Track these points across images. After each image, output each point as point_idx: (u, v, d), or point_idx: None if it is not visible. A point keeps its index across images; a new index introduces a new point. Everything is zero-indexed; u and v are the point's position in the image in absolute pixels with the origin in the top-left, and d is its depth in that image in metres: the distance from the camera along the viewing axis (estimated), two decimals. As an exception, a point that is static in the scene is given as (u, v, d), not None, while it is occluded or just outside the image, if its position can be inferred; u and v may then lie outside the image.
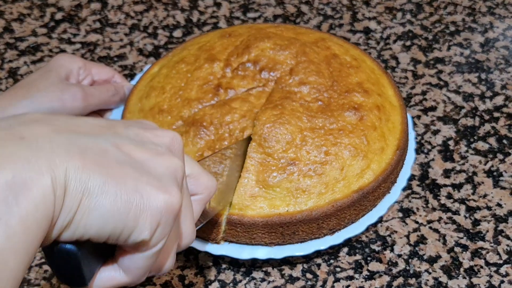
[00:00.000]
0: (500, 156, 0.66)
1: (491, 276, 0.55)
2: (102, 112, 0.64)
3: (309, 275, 0.55)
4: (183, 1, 0.88)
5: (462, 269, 0.56)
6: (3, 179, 0.26)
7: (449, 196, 0.62)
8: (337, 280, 0.55)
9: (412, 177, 0.64)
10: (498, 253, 0.57)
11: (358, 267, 0.56)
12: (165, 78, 0.61)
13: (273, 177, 0.52)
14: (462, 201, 0.62)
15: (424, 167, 0.65)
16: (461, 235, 0.59)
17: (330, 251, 0.57)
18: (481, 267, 0.56)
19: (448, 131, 0.69)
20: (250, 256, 0.53)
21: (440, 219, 0.60)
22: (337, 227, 0.54)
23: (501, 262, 0.56)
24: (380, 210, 0.56)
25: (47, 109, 0.57)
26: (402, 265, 0.56)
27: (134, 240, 0.30)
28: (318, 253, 0.57)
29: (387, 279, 0.55)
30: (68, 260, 0.30)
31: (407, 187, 0.63)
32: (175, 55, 0.65)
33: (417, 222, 0.60)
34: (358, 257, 0.57)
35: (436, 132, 0.69)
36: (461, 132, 0.69)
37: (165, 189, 0.31)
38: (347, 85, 0.59)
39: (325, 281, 0.55)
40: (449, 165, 0.65)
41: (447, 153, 0.66)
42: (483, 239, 0.58)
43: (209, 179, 0.38)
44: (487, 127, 0.69)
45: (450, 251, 0.57)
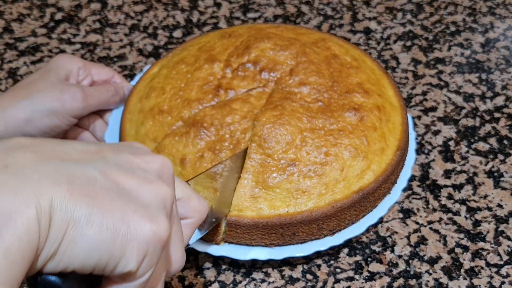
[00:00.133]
0: (500, 157, 0.66)
1: (491, 277, 0.55)
2: (102, 112, 0.64)
3: (309, 276, 0.55)
4: (183, 1, 0.88)
5: (462, 270, 0.56)
6: None
7: (450, 197, 0.62)
8: (337, 281, 0.55)
9: (413, 178, 0.64)
10: (499, 254, 0.57)
11: (358, 268, 0.56)
12: (165, 78, 0.61)
13: (273, 178, 0.52)
14: (463, 201, 0.62)
15: (425, 167, 0.65)
16: (462, 236, 0.59)
17: (330, 252, 0.57)
18: (482, 268, 0.56)
19: (448, 131, 0.69)
20: (250, 257, 0.53)
21: (440, 220, 0.60)
22: (337, 228, 0.54)
23: (501, 263, 0.56)
24: (381, 210, 0.56)
25: (47, 109, 0.57)
26: (402, 266, 0.56)
27: (121, 271, 0.30)
28: (318, 254, 0.57)
29: (387, 280, 0.55)
30: None
31: (408, 187, 0.63)
32: (175, 56, 0.65)
33: (417, 223, 0.60)
34: (358, 258, 0.57)
35: (436, 133, 0.69)
36: (462, 133, 0.69)
37: (153, 218, 0.30)
38: (347, 85, 0.59)
39: (325, 282, 0.55)
40: (449, 165, 0.65)
41: (447, 154, 0.66)
42: (483, 240, 0.58)
43: (200, 202, 0.37)
44: (487, 127, 0.69)
45: (451, 252, 0.57)
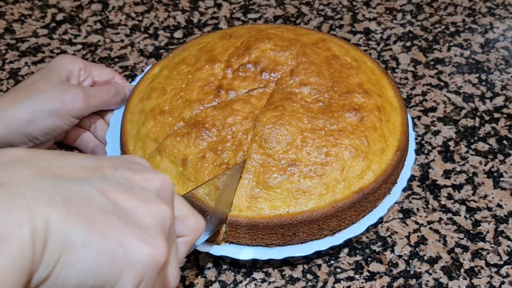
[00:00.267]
0: (500, 157, 0.66)
1: (491, 277, 0.55)
2: (103, 112, 0.65)
3: (309, 276, 0.56)
4: (183, 2, 0.88)
5: (462, 270, 0.56)
6: None
7: (450, 197, 0.62)
8: (337, 281, 0.55)
9: (413, 178, 0.64)
10: (499, 254, 0.57)
11: (358, 267, 0.56)
12: (166, 79, 0.61)
13: (273, 178, 0.52)
14: (463, 202, 0.62)
15: (425, 168, 0.65)
16: (462, 236, 0.59)
17: (330, 251, 0.57)
18: (482, 268, 0.56)
19: (448, 131, 0.69)
20: (251, 257, 0.53)
21: (440, 220, 0.60)
22: (337, 228, 0.54)
23: (501, 263, 0.57)
24: (381, 211, 0.56)
25: (48, 110, 0.57)
26: (402, 266, 0.56)
27: None
28: (318, 254, 0.57)
29: (387, 280, 0.55)
30: None
31: (408, 188, 0.63)
32: (175, 56, 0.65)
33: (417, 223, 0.60)
34: (358, 257, 0.57)
35: (436, 133, 0.69)
36: (461, 133, 0.69)
37: (151, 241, 0.30)
38: (347, 86, 0.59)
39: (325, 282, 0.55)
40: (449, 165, 0.65)
41: (447, 154, 0.66)
42: (483, 240, 0.58)
43: (196, 220, 0.37)
44: (487, 127, 0.70)
45: (451, 252, 0.57)
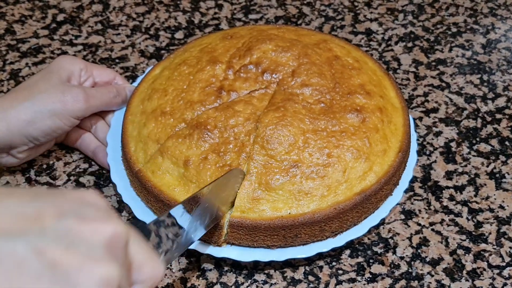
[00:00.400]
0: (502, 158, 0.66)
1: (494, 279, 0.55)
2: (104, 113, 0.64)
3: (311, 278, 0.55)
4: (184, 2, 0.88)
5: (464, 272, 0.56)
6: None
7: (452, 198, 0.62)
8: (339, 282, 0.55)
9: (414, 179, 0.64)
10: (501, 256, 0.57)
11: (360, 269, 0.56)
12: (167, 80, 0.61)
13: (275, 180, 0.52)
14: (465, 203, 0.62)
15: (426, 169, 0.65)
16: (464, 237, 0.59)
17: (332, 253, 0.57)
18: (484, 269, 0.56)
19: (450, 132, 0.69)
20: (252, 259, 0.53)
21: (442, 221, 0.60)
22: (339, 229, 0.54)
23: (504, 264, 0.56)
24: (382, 212, 0.56)
25: (48, 111, 0.57)
26: (404, 268, 0.56)
27: None
28: (320, 256, 0.56)
29: (389, 281, 0.55)
30: None
31: (409, 189, 0.63)
32: (176, 57, 0.65)
33: (419, 224, 0.60)
34: (360, 259, 0.57)
35: (438, 134, 0.69)
36: (463, 134, 0.69)
37: None
38: (349, 87, 0.59)
39: (327, 284, 0.55)
40: (451, 167, 0.65)
41: (449, 155, 0.66)
42: (485, 241, 0.58)
43: (153, 268, 0.33)
44: (489, 128, 0.69)
45: (453, 253, 0.57)
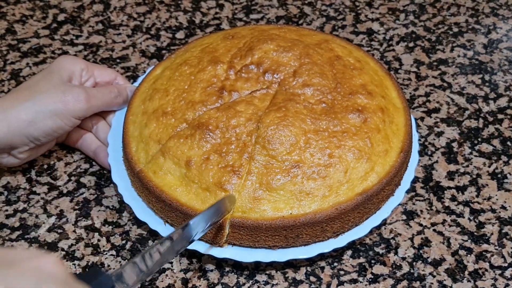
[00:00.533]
0: (504, 158, 0.66)
1: (496, 279, 0.55)
2: (105, 114, 0.64)
3: (312, 278, 0.55)
4: (185, 2, 0.88)
5: (466, 272, 0.56)
6: None
7: (453, 199, 0.62)
8: (341, 283, 0.55)
9: (416, 180, 0.63)
10: (503, 256, 0.57)
11: (362, 270, 0.56)
12: (168, 80, 0.61)
13: (277, 180, 0.52)
14: (466, 203, 0.61)
15: (428, 169, 0.65)
16: (466, 237, 0.58)
17: (333, 254, 0.57)
18: (486, 270, 0.56)
19: (451, 133, 0.69)
20: (254, 259, 0.53)
21: (444, 222, 0.60)
22: (341, 230, 0.54)
23: (506, 265, 0.56)
24: (384, 212, 0.56)
25: (49, 111, 0.57)
26: (406, 268, 0.56)
27: None
28: (321, 256, 0.56)
29: (391, 282, 0.55)
30: None
31: (411, 189, 0.62)
32: (178, 57, 0.65)
33: (421, 225, 0.59)
34: (362, 260, 0.57)
35: (439, 134, 0.68)
36: (465, 134, 0.68)
37: None
38: (350, 87, 0.59)
39: (329, 285, 0.55)
40: (453, 167, 0.65)
41: (451, 155, 0.66)
42: (487, 242, 0.58)
43: None
44: (491, 129, 0.69)
45: (455, 254, 0.57)
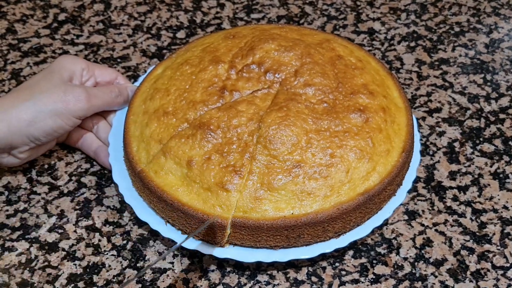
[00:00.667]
0: (506, 158, 0.66)
1: (498, 280, 0.55)
2: (106, 113, 0.64)
3: (314, 278, 0.55)
4: (186, 2, 0.88)
5: (468, 273, 0.55)
6: None
7: (455, 199, 0.62)
8: (342, 283, 0.55)
9: (418, 179, 0.63)
10: (505, 256, 0.57)
11: (363, 270, 0.56)
12: (169, 80, 0.60)
13: (278, 180, 0.52)
14: (468, 203, 0.61)
15: (430, 169, 0.64)
16: (468, 238, 0.58)
17: (335, 254, 0.57)
18: (488, 270, 0.56)
19: (453, 132, 0.68)
20: (255, 259, 0.53)
21: (446, 222, 0.60)
22: (342, 230, 0.54)
23: (508, 265, 0.56)
24: (386, 212, 0.56)
25: (50, 110, 0.57)
26: (408, 268, 0.56)
27: None
28: (323, 256, 0.56)
29: (393, 282, 0.55)
30: None
31: (413, 189, 0.62)
32: (178, 57, 0.64)
33: (422, 225, 0.59)
34: (363, 260, 0.56)
35: (441, 134, 0.68)
36: (467, 134, 0.68)
37: None
38: (352, 86, 0.59)
39: (330, 285, 0.54)
40: (454, 167, 0.65)
41: (452, 155, 0.66)
42: (489, 242, 0.58)
43: None
44: (492, 128, 0.69)
45: (457, 254, 0.57)
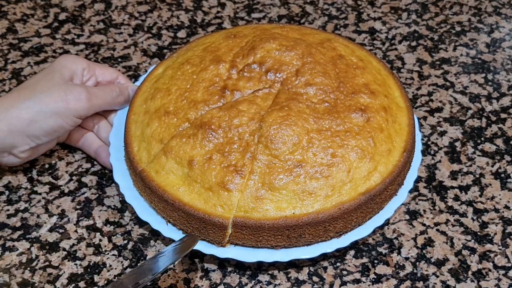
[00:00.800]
0: (507, 158, 0.66)
1: (499, 280, 0.55)
2: (106, 113, 0.64)
3: (315, 278, 0.55)
4: (187, 1, 0.88)
5: (470, 272, 0.55)
6: None
7: (456, 198, 0.62)
8: (344, 283, 0.54)
9: (419, 179, 0.63)
10: (507, 256, 0.57)
11: (365, 270, 0.56)
12: (170, 79, 0.60)
13: (279, 180, 0.52)
14: (470, 203, 0.61)
15: (431, 169, 0.64)
16: (469, 237, 0.58)
17: (336, 254, 0.57)
18: (489, 270, 0.55)
19: (454, 132, 0.68)
20: (256, 259, 0.52)
21: (447, 222, 0.59)
22: (343, 229, 0.54)
23: (509, 265, 0.56)
24: (387, 212, 0.56)
25: (50, 110, 0.57)
26: (409, 268, 0.56)
27: None
28: (324, 256, 0.56)
29: (394, 282, 0.55)
30: None
31: (414, 189, 0.62)
32: (179, 56, 0.64)
33: (424, 225, 0.59)
34: (365, 260, 0.56)
35: (442, 134, 0.68)
36: (468, 134, 0.68)
37: None
38: (353, 86, 0.58)
39: (331, 285, 0.54)
40: (456, 166, 0.65)
41: (454, 155, 0.66)
42: (491, 241, 0.58)
43: None
44: (494, 128, 0.69)
45: (458, 254, 0.57)
